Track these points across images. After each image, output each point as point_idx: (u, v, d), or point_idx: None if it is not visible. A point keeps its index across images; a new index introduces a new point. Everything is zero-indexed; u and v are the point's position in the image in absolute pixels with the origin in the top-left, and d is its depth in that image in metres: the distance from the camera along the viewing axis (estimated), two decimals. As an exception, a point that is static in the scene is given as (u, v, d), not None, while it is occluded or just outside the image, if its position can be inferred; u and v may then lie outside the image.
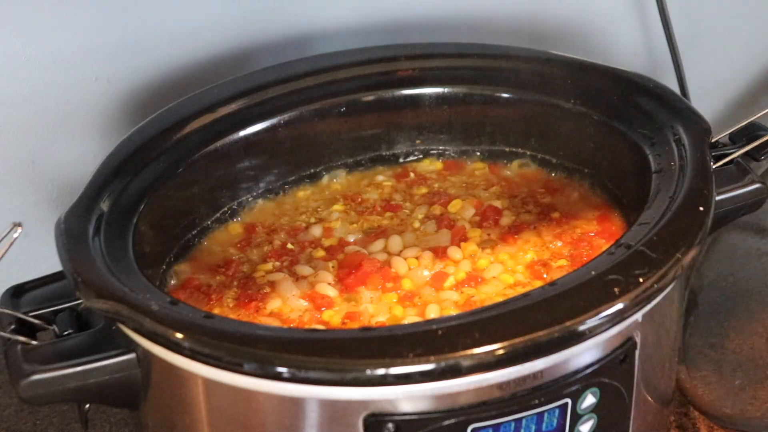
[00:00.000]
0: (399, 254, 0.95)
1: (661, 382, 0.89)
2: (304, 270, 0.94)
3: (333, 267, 0.94)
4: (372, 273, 0.92)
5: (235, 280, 0.94)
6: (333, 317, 0.88)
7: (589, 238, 0.96)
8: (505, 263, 0.93)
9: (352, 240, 0.98)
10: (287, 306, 0.90)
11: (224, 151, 1.00)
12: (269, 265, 0.95)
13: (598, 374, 0.80)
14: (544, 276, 0.92)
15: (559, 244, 0.95)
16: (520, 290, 0.90)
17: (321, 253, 0.96)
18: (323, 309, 0.89)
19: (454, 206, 1.01)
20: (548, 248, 0.95)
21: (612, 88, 1.00)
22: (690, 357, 1.06)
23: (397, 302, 0.90)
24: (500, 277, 0.92)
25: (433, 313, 0.88)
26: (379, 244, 0.96)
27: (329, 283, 0.92)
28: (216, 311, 0.90)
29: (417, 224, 0.99)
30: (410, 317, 0.88)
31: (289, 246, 0.97)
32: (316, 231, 0.99)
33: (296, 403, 0.77)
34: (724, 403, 1.00)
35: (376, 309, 0.89)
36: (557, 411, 0.79)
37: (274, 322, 0.88)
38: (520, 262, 0.94)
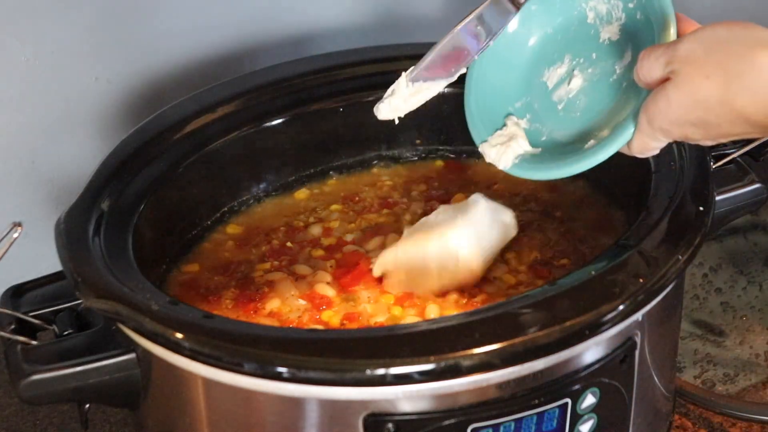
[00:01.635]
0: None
1: (661, 382, 0.89)
2: (303, 269, 0.94)
3: (331, 266, 0.94)
4: (367, 273, 0.92)
5: (234, 280, 0.94)
6: (332, 318, 0.88)
7: (589, 238, 0.96)
8: (508, 262, 0.93)
9: (350, 239, 0.98)
10: (286, 306, 0.90)
11: (224, 151, 1.00)
12: (267, 265, 0.95)
13: (598, 374, 0.80)
14: (547, 275, 0.91)
15: (561, 242, 0.95)
16: (523, 290, 0.89)
17: (320, 252, 0.96)
18: (322, 308, 0.89)
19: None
20: (550, 247, 0.95)
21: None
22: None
23: (396, 303, 0.90)
24: (502, 277, 0.92)
25: (433, 313, 0.88)
26: (375, 242, 0.96)
27: (327, 283, 0.92)
28: (215, 311, 0.90)
29: (408, 217, 0.99)
30: (410, 317, 0.88)
31: (289, 244, 0.97)
32: (315, 230, 0.99)
33: (296, 403, 0.77)
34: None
35: (375, 309, 0.89)
36: (557, 411, 0.79)
37: (273, 323, 0.88)
38: (523, 262, 0.93)
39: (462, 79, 1.06)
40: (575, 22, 0.87)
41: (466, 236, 0.89)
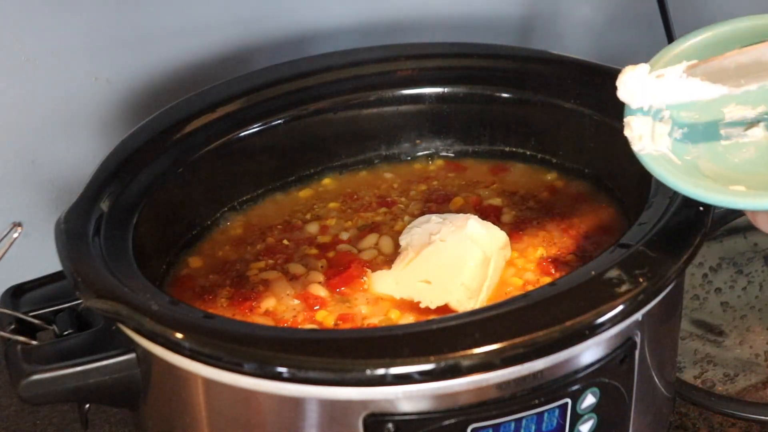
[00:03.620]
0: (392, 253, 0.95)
1: (661, 382, 0.89)
2: (297, 269, 0.93)
3: (322, 266, 0.94)
4: (357, 277, 0.92)
5: (229, 278, 0.94)
6: (326, 318, 0.88)
7: (592, 235, 0.95)
8: (513, 261, 0.93)
9: (345, 238, 0.97)
10: (282, 305, 0.90)
11: (224, 151, 1.00)
12: (262, 263, 0.95)
13: (598, 374, 0.80)
14: (554, 271, 0.91)
15: (565, 238, 0.95)
16: (529, 288, 0.89)
17: (314, 251, 0.96)
18: (316, 308, 0.89)
19: (455, 204, 1.01)
20: (554, 244, 0.95)
21: (612, 88, 1.00)
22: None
23: (392, 305, 0.90)
24: (509, 280, 0.91)
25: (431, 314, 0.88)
26: (368, 242, 0.96)
27: (320, 283, 0.91)
28: (210, 310, 0.89)
29: (407, 219, 0.99)
30: (406, 320, 0.88)
31: (285, 242, 0.97)
32: (312, 228, 0.99)
33: (296, 403, 0.77)
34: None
35: (371, 310, 0.89)
36: (557, 411, 0.79)
37: (268, 322, 0.88)
38: (529, 260, 0.93)
39: (461, 79, 1.07)
40: None
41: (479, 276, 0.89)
